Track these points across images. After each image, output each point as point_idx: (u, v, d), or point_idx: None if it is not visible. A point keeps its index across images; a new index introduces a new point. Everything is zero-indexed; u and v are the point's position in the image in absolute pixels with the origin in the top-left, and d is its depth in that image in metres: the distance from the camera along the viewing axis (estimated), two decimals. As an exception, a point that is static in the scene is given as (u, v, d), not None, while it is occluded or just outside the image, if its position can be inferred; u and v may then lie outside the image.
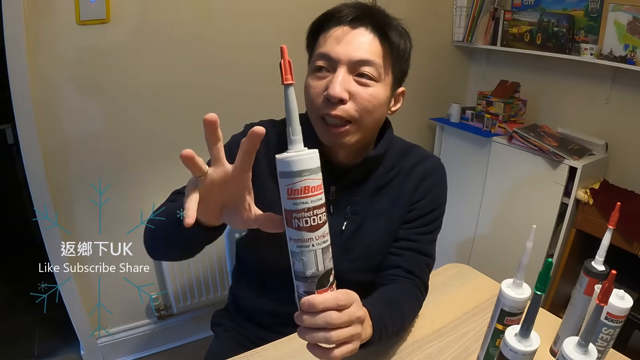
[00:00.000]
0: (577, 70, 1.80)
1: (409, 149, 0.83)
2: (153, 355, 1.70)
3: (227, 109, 1.54)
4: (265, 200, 0.72)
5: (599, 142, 1.74)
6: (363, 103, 0.68)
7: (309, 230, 0.44)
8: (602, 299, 0.47)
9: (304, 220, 0.43)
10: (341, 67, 0.67)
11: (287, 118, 0.45)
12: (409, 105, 2.42)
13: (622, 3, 1.58)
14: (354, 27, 0.69)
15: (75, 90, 1.31)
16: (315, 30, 0.72)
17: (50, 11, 1.21)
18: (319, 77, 0.69)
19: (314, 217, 0.43)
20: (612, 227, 0.65)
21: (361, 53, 0.68)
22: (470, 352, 0.72)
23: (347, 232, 0.78)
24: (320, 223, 0.44)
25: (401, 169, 0.80)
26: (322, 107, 0.68)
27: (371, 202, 0.78)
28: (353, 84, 0.68)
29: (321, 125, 0.70)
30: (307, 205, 0.43)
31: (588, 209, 1.63)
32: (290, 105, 0.44)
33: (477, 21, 2.03)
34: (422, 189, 0.80)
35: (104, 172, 1.40)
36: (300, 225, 0.44)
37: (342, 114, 0.68)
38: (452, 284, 0.92)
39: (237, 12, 1.49)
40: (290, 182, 0.43)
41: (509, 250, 1.83)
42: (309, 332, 0.49)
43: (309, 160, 0.43)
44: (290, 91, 0.44)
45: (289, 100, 0.44)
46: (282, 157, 0.44)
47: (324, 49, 0.69)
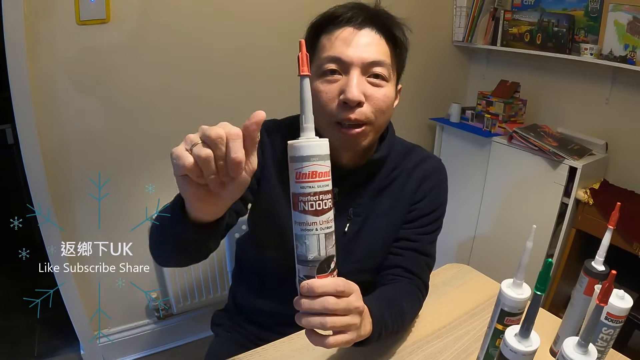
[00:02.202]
0: (577, 70, 1.80)
1: (410, 149, 0.83)
2: (153, 355, 1.70)
3: (227, 108, 1.54)
4: (266, 198, 0.75)
5: (599, 142, 1.74)
6: (378, 104, 0.68)
7: (314, 214, 0.45)
8: (602, 299, 0.47)
9: (309, 204, 0.45)
10: (354, 69, 0.67)
11: (302, 107, 0.47)
12: (409, 105, 2.44)
13: (622, 3, 1.58)
14: (359, 28, 0.68)
15: (75, 90, 1.31)
16: (316, 32, 0.71)
17: (50, 11, 1.21)
18: (330, 81, 0.68)
19: (319, 202, 0.45)
20: (612, 227, 0.65)
21: (372, 54, 0.67)
22: (470, 352, 0.72)
23: (349, 234, 0.78)
24: (325, 209, 0.46)
25: (403, 170, 0.80)
26: (338, 111, 0.67)
27: (373, 203, 0.78)
28: (367, 85, 0.68)
29: (337, 130, 0.69)
30: (313, 189, 0.45)
31: (588, 209, 1.63)
32: (305, 96, 0.47)
33: (477, 21, 2.03)
34: (423, 189, 0.80)
35: (104, 171, 1.40)
36: (305, 209, 0.45)
37: (361, 117, 0.67)
38: (452, 284, 0.92)
39: (237, 12, 1.49)
40: (298, 167, 0.45)
41: (509, 250, 1.83)
42: (305, 317, 0.49)
43: (318, 146, 0.45)
44: (305, 82, 0.46)
45: (304, 90, 0.47)
46: (292, 142, 0.46)
47: (332, 52, 0.67)
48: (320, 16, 0.71)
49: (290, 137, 0.48)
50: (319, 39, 0.71)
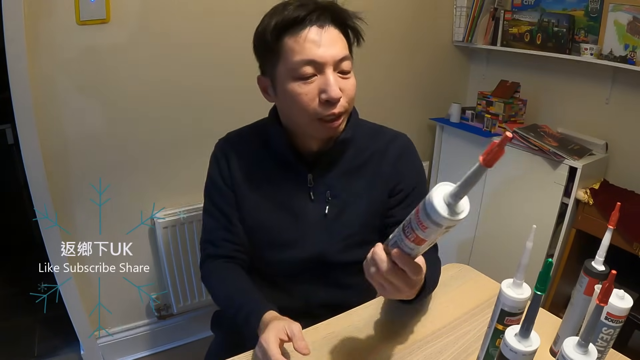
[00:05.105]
0: (577, 70, 1.80)
1: (377, 130, 0.88)
2: (153, 355, 1.70)
3: (227, 108, 1.54)
4: (248, 209, 0.84)
5: (599, 142, 1.74)
6: (351, 94, 0.75)
7: (411, 240, 0.50)
8: (602, 299, 0.47)
9: (412, 237, 0.50)
10: (328, 68, 0.71)
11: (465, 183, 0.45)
12: (409, 105, 2.44)
13: (622, 3, 1.58)
14: (322, 27, 0.72)
15: (75, 90, 1.31)
16: (279, 33, 0.72)
17: (50, 11, 1.21)
18: (308, 83, 0.72)
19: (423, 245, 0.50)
20: (612, 227, 0.65)
21: (340, 51, 0.72)
22: (470, 352, 0.72)
23: (330, 215, 0.83)
24: (419, 240, 0.49)
25: (375, 151, 0.85)
26: (322, 109, 0.73)
27: (349, 184, 0.83)
28: (340, 80, 0.73)
29: (320, 124, 0.74)
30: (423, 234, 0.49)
31: (588, 209, 1.63)
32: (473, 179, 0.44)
33: (477, 21, 2.03)
34: (402, 168, 0.84)
35: (104, 171, 1.40)
36: (410, 238, 0.50)
37: (341, 110, 0.74)
38: (452, 284, 0.92)
39: (237, 12, 1.49)
40: (431, 224, 0.47)
41: (509, 250, 1.83)
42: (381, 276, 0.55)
43: (448, 220, 0.46)
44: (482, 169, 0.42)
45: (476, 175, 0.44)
46: (440, 206, 0.46)
47: (306, 55, 0.70)
48: (282, 18, 0.71)
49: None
50: (282, 41, 0.72)
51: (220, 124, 1.02)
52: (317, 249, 0.83)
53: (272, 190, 0.84)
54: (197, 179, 0.93)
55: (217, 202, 0.86)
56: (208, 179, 0.88)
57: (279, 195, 0.83)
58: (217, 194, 0.85)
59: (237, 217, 0.85)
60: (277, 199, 0.83)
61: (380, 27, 1.85)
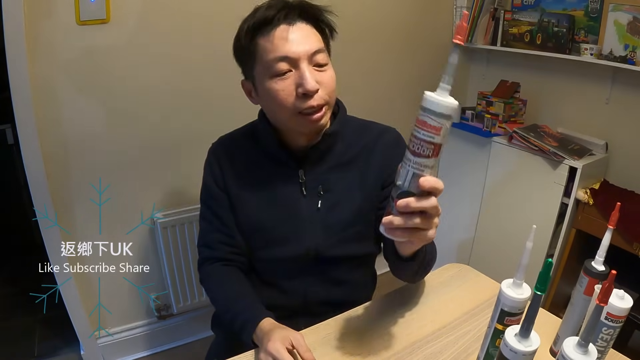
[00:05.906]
0: (577, 70, 1.80)
1: (366, 125, 0.89)
2: (153, 355, 1.70)
3: (227, 108, 1.54)
4: (242, 209, 0.84)
5: (599, 142, 1.74)
6: (329, 86, 0.76)
7: (412, 153, 0.53)
8: (602, 299, 0.47)
9: (412, 143, 0.53)
10: (302, 62, 0.73)
11: (448, 69, 0.53)
12: (409, 105, 2.44)
13: (622, 3, 1.58)
14: (290, 23, 0.73)
15: (75, 90, 1.31)
16: (252, 35, 0.75)
17: (50, 11, 1.20)
18: (284, 79, 0.74)
19: (418, 145, 0.52)
20: (612, 227, 0.65)
21: (312, 44, 0.74)
22: (470, 352, 0.72)
23: (323, 210, 0.83)
24: (421, 153, 0.52)
25: (365, 145, 0.85)
26: (300, 103, 0.74)
27: (340, 179, 0.84)
28: (316, 73, 0.74)
29: (301, 118, 0.76)
30: (418, 134, 0.52)
31: (588, 209, 1.63)
32: (453, 60, 0.54)
33: (477, 21, 2.03)
34: (393, 160, 0.83)
35: (104, 172, 1.40)
36: (409, 147, 0.54)
37: (320, 102, 0.75)
38: (452, 284, 0.92)
39: (237, 12, 1.49)
40: (418, 113, 0.52)
41: (509, 250, 1.83)
42: None
43: (437, 104, 0.51)
44: (457, 50, 0.53)
45: (454, 57, 0.54)
46: (426, 94, 0.52)
47: (278, 52, 0.72)
48: (253, 21, 0.75)
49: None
50: (256, 42, 0.75)
51: (221, 124, 1.02)
52: (311, 243, 0.84)
53: (265, 189, 0.84)
54: (198, 178, 0.93)
55: (211, 205, 0.87)
56: (202, 185, 0.90)
57: (272, 193, 0.84)
58: (211, 198, 0.87)
59: (232, 219, 0.86)
60: (271, 196, 0.84)
61: (381, 26, 1.85)
